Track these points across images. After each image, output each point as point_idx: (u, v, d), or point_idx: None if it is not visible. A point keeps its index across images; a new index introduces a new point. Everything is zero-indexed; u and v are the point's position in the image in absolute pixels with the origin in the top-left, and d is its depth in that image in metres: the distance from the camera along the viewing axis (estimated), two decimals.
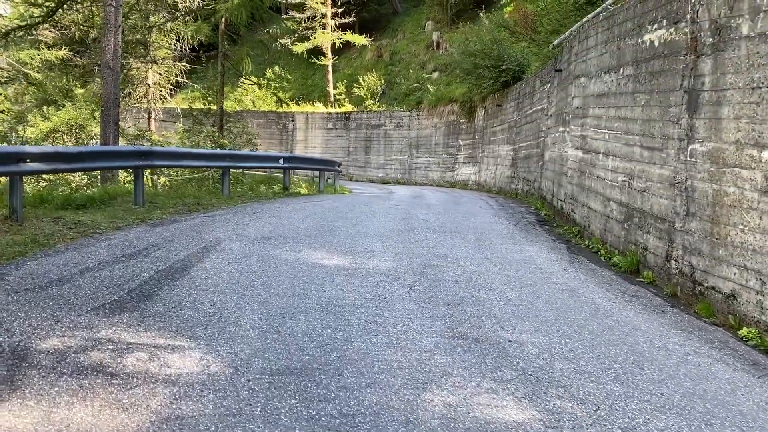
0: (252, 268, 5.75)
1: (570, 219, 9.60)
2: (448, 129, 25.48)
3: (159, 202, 9.98)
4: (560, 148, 10.90)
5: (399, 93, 34.30)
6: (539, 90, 15.15)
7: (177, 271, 5.47)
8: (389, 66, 37.03)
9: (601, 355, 4.14)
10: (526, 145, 16.29)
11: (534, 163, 14.95)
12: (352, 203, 11.78)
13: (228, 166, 11.30)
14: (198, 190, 12.42)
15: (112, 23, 11.19)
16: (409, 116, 28.46)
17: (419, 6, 42.16)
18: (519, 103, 17.60)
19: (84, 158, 8.25)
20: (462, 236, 8.29)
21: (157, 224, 7.85)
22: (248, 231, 7.61)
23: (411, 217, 9.86)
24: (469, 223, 9.73)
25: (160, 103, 28.60)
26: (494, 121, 20.39)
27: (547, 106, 13.92)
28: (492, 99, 20.67)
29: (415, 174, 27.93)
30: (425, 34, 38.47)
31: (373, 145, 30.32)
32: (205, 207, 9.86)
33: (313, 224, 8.46)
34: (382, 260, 6.47)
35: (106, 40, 11.32)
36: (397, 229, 8.46)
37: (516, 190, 17.17)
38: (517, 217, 11.12)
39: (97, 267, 5.47)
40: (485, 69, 19.58)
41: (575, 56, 10.01)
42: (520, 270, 6.48)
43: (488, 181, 20.74)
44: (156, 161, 9.63)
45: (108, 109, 11.53)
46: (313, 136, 33.23)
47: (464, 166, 23.77)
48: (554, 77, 12.71)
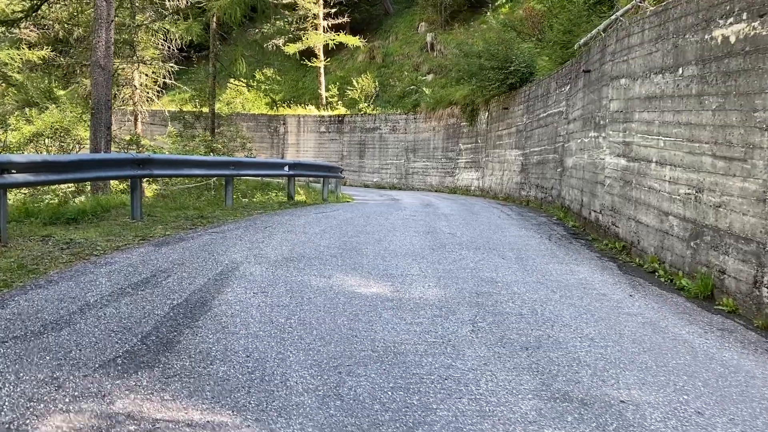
0: (283, 301, 4.88)
1: (610, 232, 8.83)
2: (447, 132, 24.71)
3: (158, 215, 9.07)
4: (592, 154, 10.14)
5: (393, 95, 33.51)
6: (555, 92, 14.42)
7: (196, 307, 4.59)
8: (382, 68, 36.23)
9: (735, 417, 3.35)
10: (539, 150, 15.55)
11: (551, 169, 14.20)
12: (366, 214, 10.93)
13: (232, 174, 10.41)
14: (197, 199, 11.51)
15: (103, 18, 10.25)
16: (405, 119, 27.66)
17: (411, 7, 41.41)
18: (529, 106, 16.87)
19: (76, 168, 7.33)
20: (499, 254, 7.49)
21: (162, 243, 6.95)
22: (266, 251, 6.74)
23: (435, 231, 9.04)
24: (499, 237, 8.93)
25: (147, 106, 27.53)
26: (500, 125, 19.64)
27: (566, 110, 13.19)
28: (497, 102, 19.93)
29: (412, 179, 27.13)
30: (418, 36, 37.73)
31: (367, 149, 29.48)
32: (210, 220, 8.96)
33: (335, 241, 7.60)
34: (425, 287, 5.64)
35: (97, 37, 10.37)
36: (426, 246, 7.63)
37: (527, 197, 16.42)
38: (545, 229, 10.35)
39: (99, 302, 4.57)
40: (491, 70, 18.82)
41: (611, 56, 9.25)
42: (583, 297, 5.69)
43: (494, 187, 19.99)
44: (155, 170, 8.71)
45: (99, 113, 10.58)
46: (305, 140, 32.31)
47: (466, 171, 23.01)
48: (577, 78, 11.97)
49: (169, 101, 35.20)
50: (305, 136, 32.21)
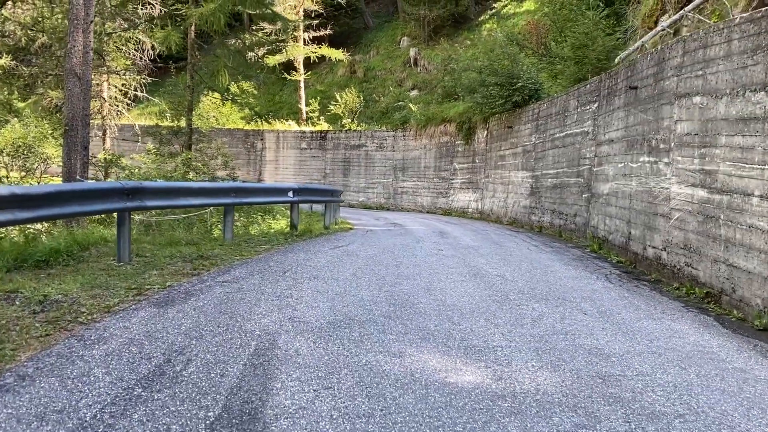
0: (360, 407, 3.44)
1: (682, 275, 7.61)
2: (440, 151, 23.50)
3: (148, 254, 7.51)
4: (645, 181, 8.94)
5: (376, 111, 32.26)
6: (575, 111, 13.30)
7: (244, 424, 3.12)
8: (363, 83, 35.01)
9: None
10: (554, 173, 14.39)
11: (573, 194, 13.03)
12: (386, 248, 9.54)
13: (233, 203, 8.90)
14: (189, 231, 9.94)
15: (80, 19, 8.70)
16: (393, 136, 26.38)
17: (392, 21, 40.37)
18: (539, 125, 15.75)
19: (52, 201, 5.79)
20: (575, 306, 6.18)
21: (165, 301, 5.42)
22: (301, 310, 5.28)
23: (480, 273, 7.68)
24: (554, 280, 7.63)
25: (116, 120, 25.69)
26: (502, 145, 18.49)
27: (593, 130, 12.05)
28: (498, 120, 18.80)
29: (401, 199, 25.81)
30: (401, 51, 36.65)
31: (352, 167, 28.08)
32: (213, 261, 7.44)
33: (376, 291, 6.19)
34: (530, 368, 4.27)
35: (72, 41, 8.80)
36: (488, 297, 6.28)
37: (539, 222, 15.23)
38: (591, 266, 9.10)
39: (99, 419, 3.07)
40: (494, 87, 17.68)
41: (676, 70, 8.09)
42: (724, 377, 4.38)
43: (495, 210, 18.78)
44: (148, 201, 7.16)
45: (74, 129, 8.98)
46: (284, 157, 30.78)
47: (462, 192, 21.78)
48: (611, 95, 10.84)
49: (138, 115, 33.30)
50: (285, 152, 30.68)
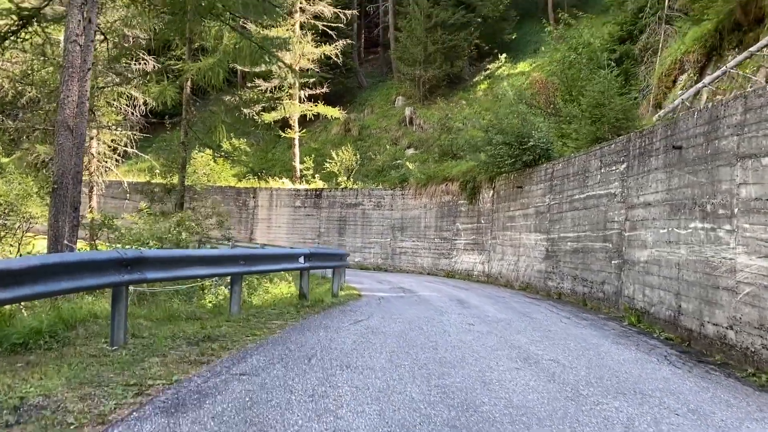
0: None
1: (761, 359, 6.66)
2: (441, 211, 22.73)
3: (146, 335, 6.43)
4: (700, 250, 8.09)
5: (371, 169, 31.69)
6: (598, 171, 12.60)
7: None
8: (358, 141, 34.59)
9: None
10: (575, 236, 13.57)
11: (599, 260, 12.16)
12: (408, 321, 8.53)
13: (241, 271, 7.89)
14: (188, 302, 8.87)
15: (75, 67, 7.87)
16: (391, 195, 25.62)
17: (386, 81, 40.42)
18: (553, 186, 15.04)
19: (37, 276, 4.77)
20: (663, 404, 5.19)
21: (173, 403, 4.35)
22: (346, 418, 4.23)
23: (531, 358, 6.68)
24: (611, 364, 6.65)
25: (104, 176, 24.75)
26: (511, 205, 17.74)
27: (623, 192, 11.30)
28: (505, 179, 18.12)
29: (399, 259, 24.84)
30: (396, 110, 36.47)
31: (348, 226, 27.18)
32: (222, 344, 6.36)
33: (426, 387, 5.15)
34: None
35: (66, 90, 7.94)
36: (556, 393, 5.26)
37: (558, 289, 14.30)
38: (640, 342, 8.14)
39: None
40: (502, 146, 17.07)
41: (737, 129, 7.38)
42: None
43: (505, 274, 17.85)
44: (149, 272, 6.14)
45: (64, 188, 8.01)
46: (277, 215, 29.86)
47: (466, 254, 20.88)
48: (646, 156, 10.13)
49: (127, 171, 32.39)
50: (278, 210, 29.77)
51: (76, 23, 7.75)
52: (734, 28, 13.39)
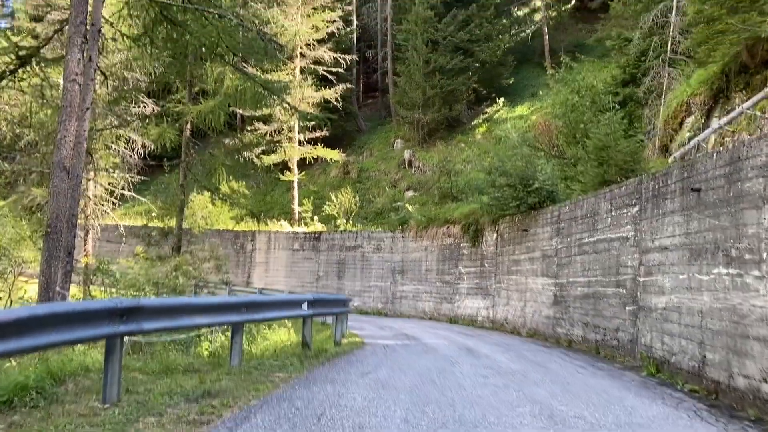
0: None
1: None
2: (443, 254, 22.34)
3: (141, 391, 5.96)
4: (726, 297, 7.71)
5: (370, 212, 31.42)
6: (608, 214, 12.30)
7: None
8: (357, 183, 34.43)
9: None
10: (585, 281, 13.17)
11: (613, 306, 11.74)
12: (422, 374, 8.06)
13: (242, 320, 7.45)
14: (185, 352, 8.39)
15: (74, 106, 7.59)
16: (392, 238, 25.26)
17: (385, 124, 40.54)
18: (560, 229, 14.72)
19: (25, 329, 4.36)
20: None
21: None
22: None
23: (557, 416, 6.21)
24: (648, 423, 6.19)
25: (100, 220, 24.36)
26: (516, 248, 17.38)
27: (636, 235, 10.97)
28: (509, 222, 17.81)
29: (400, 304, 24.31)
30: (395, 152, 36.44)
31: (347, 269, 26.72)
32: (223, 399, 5.88)
33: None
34: None
35: (63, 130, 7.65)
36: None
37: (568, 336, 13.82)
38: (667, 399, 7.66)
39: None
40: (506, 188, 16.82)
41: (761, 170, 7.09)
42: None
43: (511, 320, 17.36)
44: (146, 323, 5.73)
45: (57, 232, 7.63)
46: (275, 258, 29.41)
47: (469, 299, 20.41)
48: (660, 198, 9.83)
49: (123, 214, 32.03)
50: (276, 254, 29.33)
51: (75, 62, 7.51)
52: (741, 70, 13.30)
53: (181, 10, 8.36)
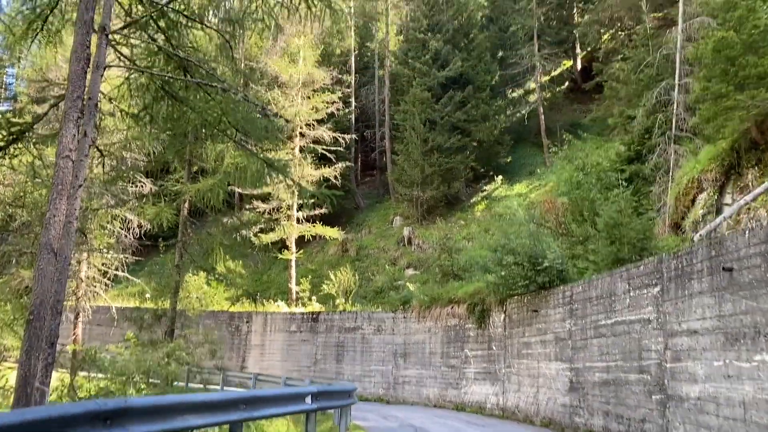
0: None
1: None
2: (447, 335, 21.48)
3: None
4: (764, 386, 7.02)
5: (369, 291, 30.66)
6: (626, 294, 11.70)
7: None
8: (356, 261, 33.84)
9: None
10: (603, 366, 12.40)
11: (636, 393, 10.95)
12: None
13: (241, 418, 6.68)
14: None
15: (65, 184, 7.13)
16: (393, 318, 24.41)
17: (383, 202, 40.44)
18: (573, 310, 14.06)
19: None
20: None
21: None
22: None
23: None
24: None
25: (91, 301, 23.55)
26: (526, 330, 16.62)
27: (659, 317, 10.34)
28: (518, 302, 17.14)
29: (402, 390, 23.19)
30: (394, 230, 36.09)
31: (347, 352, 25.68)
32: None
33: None
34: None
35: (53, 209, 7.16)
36: None
37: (587, 426, 12.89)
38: None
39: None
40: (514, 266, 16.26)
41: None
42: None
43: (523, 407, 16.36)
44: (133, 426, 4.99)
45: (40, 319, 6.98)
46: (271, 341, 28.39)
47: (477, 384, 19.40)
48: (685, 278, 9.28)
49: (116, 296, 31.17)
50: (272, 336, 28.32)
51: (70, 138, 7.11)
52: (751, 146, 13.10)
53: (183, 86, 8.06)
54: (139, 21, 7.43)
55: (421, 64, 36.01)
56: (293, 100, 30.98)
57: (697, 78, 13.94)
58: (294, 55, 32.72)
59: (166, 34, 8.31)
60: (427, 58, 36.11)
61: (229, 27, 9.44)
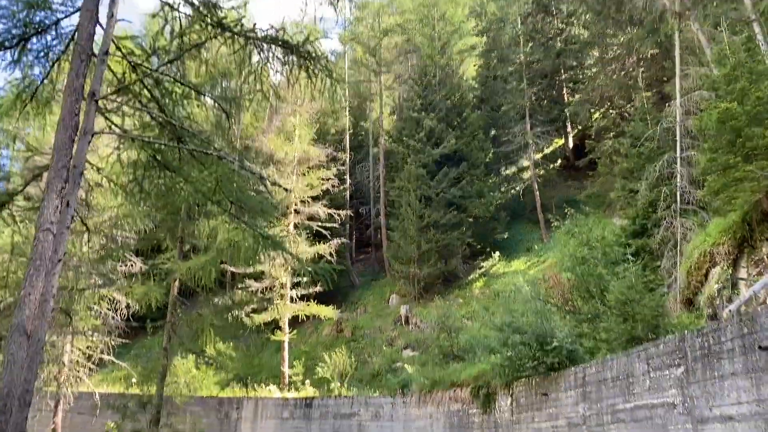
0: None
1: None
2: (450, 421, 20.28)
3: None
4: None
5: (366, 373, 29.41)
6: (647, 376, 10.94)
7: None
8: (351, 342, 32.69)
9: None
10: None
11: None
12: None
13: None
14: None
15: (44, 259, 6.54)
16: (391, 404, 23.19)
17: (379, 279, 39.69)
18: (587, 393, 13.20)
19: None
20: None
21: None
22: None
23: None
24: None
25: (74, 387, 22.31)
26: (536, 415, 15.62)
27: (683, 401, 9.55)
28: (525, 385, 16.21)
29: None
30: (390, 309, 35.16)
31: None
32: None
33: None
34: None
35: (29, 287, 6.52)
36: None
37: None
38: None
39: None
40: (520, 346, 15.47)
41: None
42: None
43: None
44: None
45: (6, 413, 6.19)
46: (262, 428, 26.91)
47: None
48: (713, 358, 8.59)
49: (101, 381, 29.75)
50: (263, 423, 26.84)
51: (52, 209, 6.57)
52: (763, 218, 12.71)
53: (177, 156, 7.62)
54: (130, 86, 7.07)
55: (415, 142, 36.28)
56: (288, 177, 30.84)
57: (702, 150, 13.74)
58: (290, 133, 32.89)
59: (160, 102, 7.95)
60: (422, 136, 36.44)
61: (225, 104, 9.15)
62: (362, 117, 48.91)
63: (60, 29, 7.76)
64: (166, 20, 8.14)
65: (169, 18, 8.15)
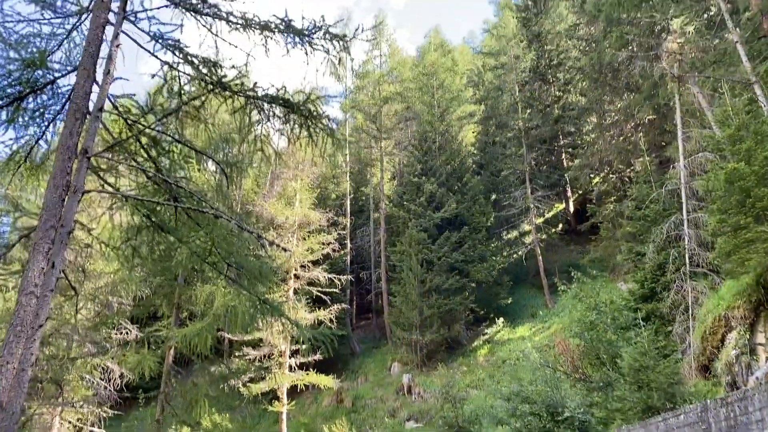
0: None
1: None
2: None
3: None
4: None
5: None
6: None
7: None
8: (352, 413, 31.51)
9: None
10: None
11: None
12: None
13: None
14: None
15: (26, 325, 6.12)
16: None
17: (380, 347, 38.73)
18: None
19: None
20: None
21: None
22: None
23: None
24: None
25: None
26: None
27: None
28: None
29: None
30: (392, 377, 34.10)
31: None
32: None
33: None
34: None
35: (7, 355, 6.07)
36: None
37: None
38: None
39: None
40: (531, 416, 14.72)
41: None
42: None
43: None
44: None
45: None
46: None
47: None
48: (751, 429, 8.01)
49: None
50: None
51: (38, 272, 6.21)
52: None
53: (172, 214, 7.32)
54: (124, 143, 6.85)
55: (416, 206, 36.19)
56: (289, 241, 30.53)
57: (710, 211, 13.47)
58: (290, 198, 32.82)
59: (157, 162, 7.72)
60: (422, 200, 36.38)
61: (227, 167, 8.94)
62: (363, 182, 49.09)
63: (57, 88, 7.60)
64: (166, 80, 8.02)
65: (169, 77, 8.03)
